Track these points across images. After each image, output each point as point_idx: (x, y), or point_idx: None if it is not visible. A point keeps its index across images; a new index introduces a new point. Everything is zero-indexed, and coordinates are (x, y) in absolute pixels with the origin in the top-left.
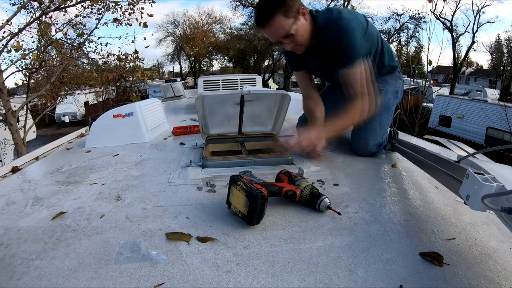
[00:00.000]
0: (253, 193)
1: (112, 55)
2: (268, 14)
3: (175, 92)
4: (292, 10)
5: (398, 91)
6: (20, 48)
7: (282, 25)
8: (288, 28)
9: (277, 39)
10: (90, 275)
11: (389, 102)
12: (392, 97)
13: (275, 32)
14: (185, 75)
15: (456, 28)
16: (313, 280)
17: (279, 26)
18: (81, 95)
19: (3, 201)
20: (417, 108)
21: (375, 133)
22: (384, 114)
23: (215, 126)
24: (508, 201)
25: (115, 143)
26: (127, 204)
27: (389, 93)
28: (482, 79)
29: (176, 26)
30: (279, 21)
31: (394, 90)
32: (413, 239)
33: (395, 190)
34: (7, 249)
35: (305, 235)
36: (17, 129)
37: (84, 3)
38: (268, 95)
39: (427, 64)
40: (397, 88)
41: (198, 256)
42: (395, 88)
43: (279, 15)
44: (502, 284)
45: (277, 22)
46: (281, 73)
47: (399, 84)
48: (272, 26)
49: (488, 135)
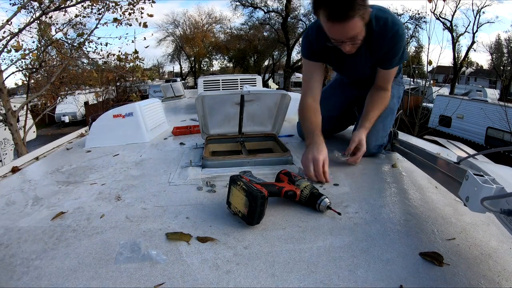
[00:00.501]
0: (253, 193)
1: (112, 55)
2: (350, 13)
3: (175, 92)
4: (366, 14)
5: (400, 96)
6: (20, 48)
7: (356, 27)
8: (359, 32)
9: (342, 38)
10: (90, 275)
11: (394, 107)
12: (396, 102)
13: (345, 32)
14: (185, 75)
15: (456, 28)
16: (313, 280)
17: (353, 28)
18: (81, 95)
19: (3, 201)
20: (417, 108)
21: (378, 134)
22: (389, 117)
23: (215, 126)
24: (508, 203)
25: (115, 143)
26: (127, 204)
27: (394, 98)
28: (482, 79)
29: (176, 26)
30: (355, 23)
31: (397, 95)
32: (413, 239)
33: (395, 190)
34: (7, 249)
35: (305, 235)
36: (17, 129)
37: (84, 3)
38: (268, 95)
39: (427, 64)
40: (399, 93)
41: (198, 256)
42: (398, 93)
43: (358, 16)
44: (502, 284)
45: (353, 23)
46: (281, 73)
47: (401, 90)
48: (346, 26)
49: (488, 135)
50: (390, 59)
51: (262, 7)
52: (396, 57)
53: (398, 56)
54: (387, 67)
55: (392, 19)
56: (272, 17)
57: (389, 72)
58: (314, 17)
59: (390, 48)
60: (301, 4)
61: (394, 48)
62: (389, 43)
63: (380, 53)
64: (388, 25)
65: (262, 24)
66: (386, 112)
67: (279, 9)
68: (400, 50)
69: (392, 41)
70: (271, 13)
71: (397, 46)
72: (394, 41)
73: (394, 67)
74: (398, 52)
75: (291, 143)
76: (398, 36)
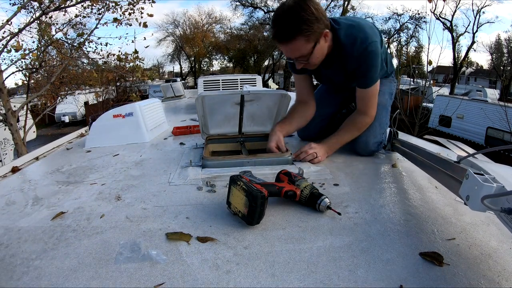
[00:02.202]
0: (253, 193)
1: (112, 55)
2: (289, 36)
3: (175, 92)
4: (315, 35)
5: (392, 92)
6: (20, 48)
7: (301, 48)
8: (306, 52)
9: (290, 56)
10: (90, 275)
11: (386, 103)
12: (388, 98)
13: (291, 52)
14: (185, 75)
15: (456, 28)
16: (313, 280)
17: (297, 49)
18: (81, 95)
19: (3, 201)
20: (417, 108)
21: (375, 131)
22: (383, 114)
23: (215, 126)
24: (508, 201)
25: (115, 143)
26: (127, 204)
27: (385, 94)
28: (482, 79)
29: (176, 26)
30: (299, 44)
31: (389, 92)
32: (413, 239)
33: (395, 190)
34: (7, 249)
35: (305, 235)
36: (17, 129)
37: (84, 3)
38: (268, 95)
39: (427, 64)
40: (391, 90)
41: (198, 256)
42: (390, 90)
43: (300, 38)
44: (502, 284)
45: (296, 44)
46: (281, 73)
47: (393, 86)
48: (290, 47)
49: (488, 135)
50: (363, 76)
51: (262, 7)
52: (368, 73)
53: (371, 72)
54: (362, 85)
55: (363, 36)
56: (272, 17)
57: (366, 92)
58: None
59: (359, 65)
60: None
61: (365, 65)
62: (359, 60)
63: (350, 68)
64: (357, 42)
65: (262, 24)
66: (379, 108)
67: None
68: (372, 67)
69: (362, 58)
70: (271, 13)
71: (368, 63)
72: (363, 58)
73: (372, 88)
74: (370, 69)
75: (291, 143)
76: (367, 53)
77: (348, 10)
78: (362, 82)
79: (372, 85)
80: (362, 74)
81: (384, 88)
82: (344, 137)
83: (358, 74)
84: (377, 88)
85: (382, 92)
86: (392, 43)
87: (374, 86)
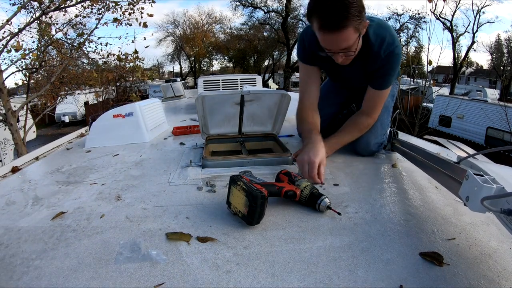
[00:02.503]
0: (253, 193)
1: (112, 55)
2: (341, 24)
3: (175, 92)
4: (362, 24)
5: (394, 94)
6: (20, 48)
7: (349, 39)
8: (352, 43)
9: (334, 49)
10: (90, 275)
11: (388, 104)
12: (390, 99)
13: (338, 42)
14: (185, 75)
15: (456, 28)
16: (313, 280)
17: (346, 39)
18: (81, 95)
19: (3, 201)
20: (417, 108)
21: (377, 132)
22: (385, 115)
23: (215, 126)
24: (508, 203)
25: (115, 143)
26: (127, 204)
27: (388, 96)
28: (482, 79)
29: (176, 26)
30: (348, 34)
31: (391, 93)
32: (413, 239)
33: (395, 190)
34: (7, 249)
35: (305, 235)
36: (17, 129)
37: (84, 3)
38: (268, 95)
39: (427, 64)
40: (393, 92)
41: (198, 256)
42: (393, 91)
43: (351, 27)
44: (502, 284)
45: (346, 33)
46: (281, 73)
47: (395, 88)
48: (339, 36)
49: (488, 135)
50: (381, 77)
51: (262, 7)
52: (387, 76)
53: (390, 76)
54: (377, 86)
55: (391, 38)
56: (272, 17)
57: (378, 93)
58: None
59: (382, 65)
60: (301, 4)
61: (387, 66)
62: (383, 60)
63: (371, 68)
64: (385, 43)
65: (262, 24)
66: (381, 109)
67: (279, 9)
68: (392, 71)
69: (386, 59)
70: (271, 13)
71: (391, 65)
72: (388, 60)
73: (385, 90)
74: (390, 71)
75: (291, 143)
76: (393, 56)
77: None
78: (379, 83)
79: (387, 87)
80: (381, 75)
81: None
82: (345, 138)
83: (378, 74)
84: (388, 92)
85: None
86: None
87: (387, 89)
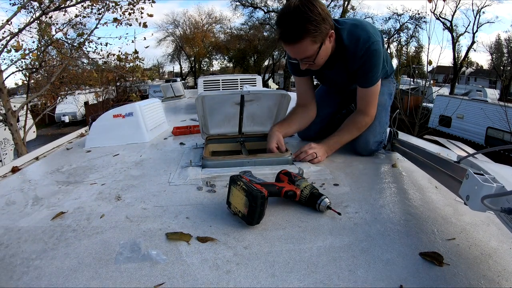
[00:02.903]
0: (253, 193)
1: (112, 55)
2: (296, 36)
3: (175, 92)
4: (321, 35)
5: (391, 93)
6: (20, 48)
7: (307, 49)
8: (312, 53)
9: (296, 57)
10: (90, 275)
11: (386, 103)
12: (388, 98)
13: (297, 53)
14: (185, 75)
15: (456, 28)
16: (313, 280)
17: (304, 50)
18: (81, 95)
19: (3, 201)
20: (417, 108)
21: (375, 131)
22: (383, 113)
23: (215, 126)
24: (508, 201)
25: (115, 143)
26: (127, 204)
27: (385, 94)
28: (482, 79)
29: (176, 26)
30: (305, 45)
31: (389, 92)
32: (413, 239)
33: (395, 190)
34: (7, 249)
35: (305, 235)
36: (17, 129)
37: (84, 3)
38: (268, 95)
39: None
40: (391, 91)
41: (198, 256)
42: (390, 90)
43: (307, 39)
44: (502, 284)
45: (303, 45)
46: (281, 73)
47: (392, 87)
48: (297, 48)
49: (488, 135)
50: (364, 75)
51: (262, 7)
52: (370, 74)
53: (372, 72)
54: (363, 84)
55: (366, 35)
56: (272, 17)
57: (367, 91)
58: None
59: (363, 64)
60: None
61: (367, 64)
62: (362, 59)
63: (353, 68)
64: (360, 42)
65: (262, 24)
66: (379, 108)
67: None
68: (374, 67)
69: (364, 57)
70: (271, 13)
71: (371, 62)
72: (366, 57)
73: (373, 87)
74: (371, 68)
75: (291, 143)
76: (370, 52)
77: (348, 10)
78: (363, 81)
79: (374, 84)
80: (364, 73)
81: (383, 89)
82: (344, 137)
83: (360, 73)
84: (378, 88)
85: (381, 92)
86: (392, 43)
87: (375, 85)
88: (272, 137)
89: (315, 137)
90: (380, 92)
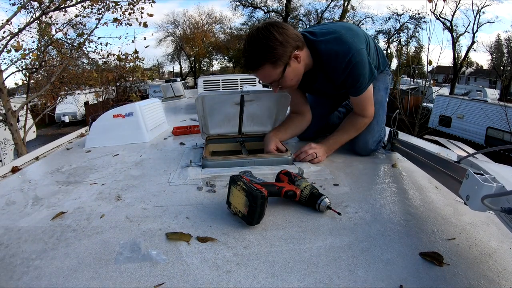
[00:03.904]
0: (253, 193)
1: (112, 55)
2: (255, 64)
3: (175, 92)
4: (282, 60)
5: (387, 87)
6: (20, 48)
7: (270, 74)
8: (276, 77)
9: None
10: (90, 275)
11: (382, 99)
12: (384, 94)
13: (263, 78)
14: (185, 75)
15: (456, 28)
16: (313, 280)
17: (267, 75)
18: (81, 95)
19: (3, 201)
20: (417, 108)
21: (373, 130)
22: (380, 111)
23: (215, 126)
24: (508, 201)
25: (115, 143)
26: (127, 204)
27: (381, 90)
28: (482, 79)
29: (176, 26)
30: (267, 71)
31: (384, 87)
32: (413, 239)
33: (395, 190)
34: (7, 249)
35: (305, 235)
36: (17, 129)
37: (84, 3)
38: (268, 95)
39: (427, 64)
40: (386, 84)
41: (198, 256)
42: (385, 84)
43: (266, 65)
44: (502, 284)
45: (265, 71)
46: None
47: (388, 80)
48: (260, 74)
49: (488, 135)
50: (353, 86)
51: (262, 7)
52: (357, 84)
53: (359, 83)
54: (354, 94)
55: (344, 49)
56: (272, 17)
57: (359, 99)
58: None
59: (347, 76)
60: (301, 4)
61: (352, 76)
62: (345, 73)
63: (338, 81)
64: (339, 56)
65: None
66: (375, 106)
67: (279, 9)
68: (360, 77)
69: (347, 70)
70: (271, 13)
71: (355, 73)
72: (349, 71)
73: (364, 94)
74: (358, 79)
75: (291, 143)
76: (353, 65)
77: (348, 10)
78: (353, 91)
79: (363, 92)
80: (351, 85)
81: (379, 84)
82: (343, 137)
83: (348, 85)
84: (371, 91)
85: (377, 88)
86: (392, 43)
87: (367, 91)
88: (271, 141)
89: (314, 137)
90: (375, 88)
